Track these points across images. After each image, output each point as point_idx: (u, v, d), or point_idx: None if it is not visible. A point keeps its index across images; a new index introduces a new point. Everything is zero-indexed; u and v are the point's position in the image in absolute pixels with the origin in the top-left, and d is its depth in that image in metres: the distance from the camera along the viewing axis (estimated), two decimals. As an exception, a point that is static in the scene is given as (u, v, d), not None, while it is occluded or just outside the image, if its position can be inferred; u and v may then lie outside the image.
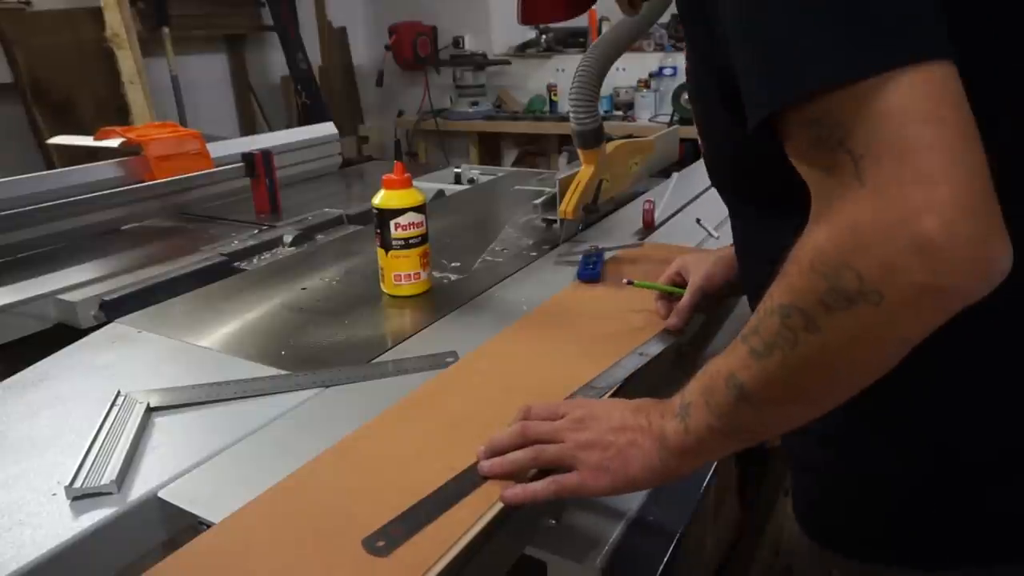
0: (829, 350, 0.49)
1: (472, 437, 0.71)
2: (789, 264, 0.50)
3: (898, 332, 0.47)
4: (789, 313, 0.49)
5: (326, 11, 4.27)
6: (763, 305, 0.52)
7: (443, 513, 0.62)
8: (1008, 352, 0.59)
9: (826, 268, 0.46)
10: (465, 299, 1.15)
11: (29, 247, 1.50)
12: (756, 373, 0.53)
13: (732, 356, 0.56)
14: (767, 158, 0.54)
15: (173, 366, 0.96)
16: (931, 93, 0.44)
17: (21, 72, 2.96)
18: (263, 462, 0.73)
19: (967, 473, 0.60)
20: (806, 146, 0.48)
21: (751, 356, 0.53)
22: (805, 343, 0.49)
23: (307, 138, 2.22)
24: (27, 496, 0.69)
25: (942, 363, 0.56)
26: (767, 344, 0.52)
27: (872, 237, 0.44)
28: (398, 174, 1.12)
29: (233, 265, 1.41)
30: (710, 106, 0.64)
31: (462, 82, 4.31)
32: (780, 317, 0.50)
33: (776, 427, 0.59)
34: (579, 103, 1.26)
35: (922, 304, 0.45)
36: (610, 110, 3.95)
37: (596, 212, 1.45)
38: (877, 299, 0.45)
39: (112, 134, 1.84)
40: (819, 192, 0.49)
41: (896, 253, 0.43)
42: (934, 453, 0.61)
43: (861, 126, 0.45)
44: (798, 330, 0.49)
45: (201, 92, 3.68)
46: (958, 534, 0.62)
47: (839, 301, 0.46)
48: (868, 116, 0.44)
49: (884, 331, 0.47)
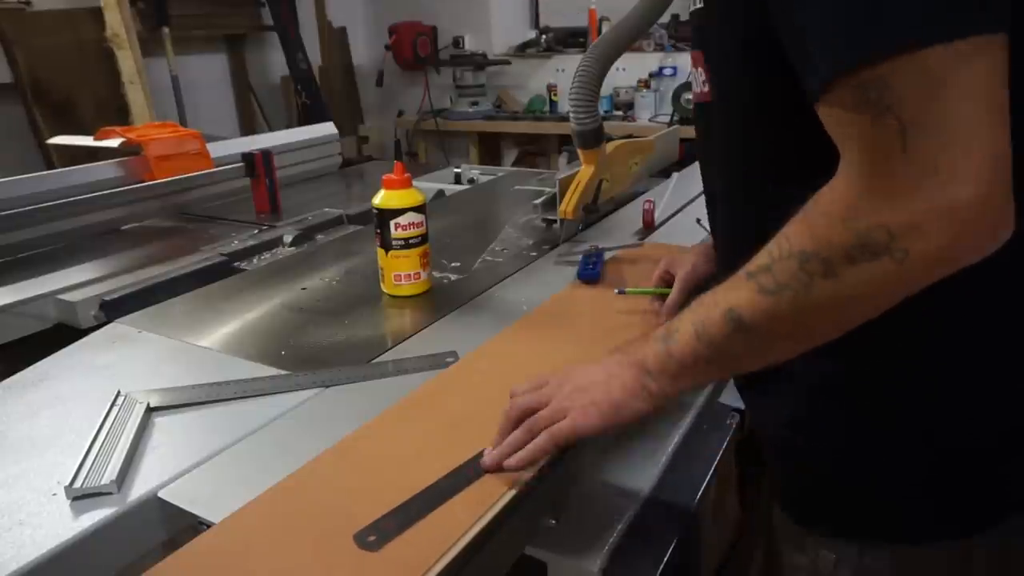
0: (841, 297, 0.52)
1: (472, 437, 0.71)
2: (814, 214, 0.53)
3: (909, 287, 0.51)
4: (809, 259, 0.52)
5: (326, 11, 4.27)
6: (776, 247, 0.55)
7: (437, 508, 0.62)
8: (981, 330, 0.62)
9: (858, 224, 0.50)
10: (465, 299, 1.15)
11: (29, 247, 1.50)
12: (761, 309, 0.56)
13: (733, 291, 0.58)
14: (791, 124, 0.56)
15: (173, 366, 0.96)
16: (988, 68, 0.46)
17: (21, 72, 2.96)
18: (263, 462, 0.73)
19: (943, 449, 0.63)
20: (851, 106, 0.50)
21: (759, 293, 0.56)
22: (819, 288, 0.52)
23: (307, 138, 2.21)
24: (27, 496, 0.69)
25: (917, 345, 0.61)
26: (779, 284, 0.54)
27: (908, 200, 0.48)
28: (398, 174, 1.12)
29: (233, 265, 1.41)
30: (734, 73, 0.64)
31: (462, 82, 4.31)
32: (799, 261, 0.53)
33: (759, 361, 0.61)
34: (579, 103, 1.26)
35: (939, 264, 0.49)
36: (610, 110, 3.94)
37: (596, 212, 1.45)
38: (901, 256, 0.48)
39: (112, 134, 1.83)
40: (855, 154, 0.51)
41: (930, 217, 0.47)
42: (909, 432, 0.63)
43: (915, 94, 0.46)
44: (815, 275, 0.52)
45: (201, 92, 3.68)
46: (936, 509, 0.64)
47: (864, 255, 0.50)
48: (924, 85, 0.46)
49: (897, 285, 0.51)
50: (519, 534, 0.68)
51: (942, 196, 0.47)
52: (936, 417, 0.62)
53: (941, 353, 0.62)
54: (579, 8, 3.98)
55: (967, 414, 0.62)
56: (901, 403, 0.63)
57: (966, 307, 0.60)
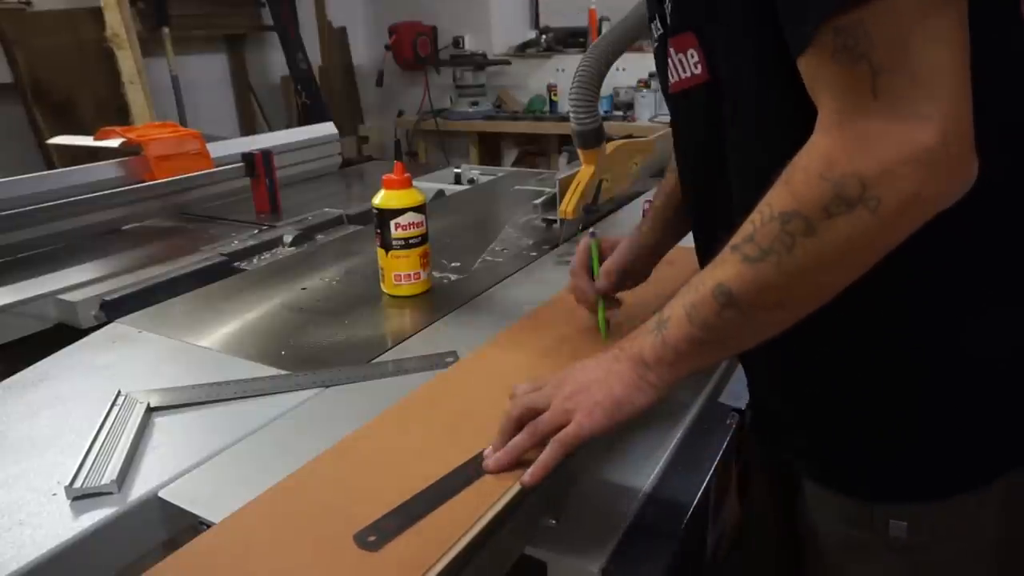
0: (823, 254, 0.53)
1: (472, 437, 0.71)
2: (793, 173, 0.54)
3: (885, 238, 0.52)
4: (790, 219, 0.53)
5: (326, 11, 4.27)
6: (758, 215, 0.56)
7: (437, 508, 0.62)
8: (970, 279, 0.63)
9: (834, 175, 0.51)
10: (465, 299, 1.15)
11: (29, 247, 1.50)
12: (748, 279, 0.56)
13: (719, 268, 0.58)
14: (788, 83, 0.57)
15: (173, 366, 0.96)
16: (955, 16, 0.48)
17: (21, 72, 2.96)
18: (263, 462, 0.73)
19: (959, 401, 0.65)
20: (828, 55, 0.51)
21: (743, 263, 0.56)
22: (801, 247, 0.53)
23: (307, 138, 2.21)
24: (27, 496, 0.69)
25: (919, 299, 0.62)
26: (763, 250, 0.55)
27: (878, 146, 0.49)
28: (398, 174, 1.12)
29: (233, 265, 1.41)
30: (736, 35, 0.64)
31: (462, 82, 4.31)
32: (780, 223, 0.54)
33: (754, 336, 0.61)
34: (579, 103, 1.26)
35: (912, 211, 0.51)
36: (610, 110, 3.95)
37: (596, 212, 1.45)
38: (875, 204, 0.50)
39: (112, 134, 1.83)
40: (831, 103, 0.52)
41: (898, 162, 0.49)
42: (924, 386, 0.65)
43: (888, 40, 0.48)
44: (796, 235, 0.53)
45: (201, 92, 3.68)
46: (964, 459, 0.67)
47: (840, 207, 0.51)
48: (895, 30, 0.48)
49: (875, 236, 0.52)
50: (519, 534, 0.68)
51: (909, 141, 0.48)
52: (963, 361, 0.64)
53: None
54: (579, 8, 3.98)
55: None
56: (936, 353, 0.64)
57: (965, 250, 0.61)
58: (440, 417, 0.78)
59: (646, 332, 0.65)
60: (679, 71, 0.70)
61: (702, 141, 0.72)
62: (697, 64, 0.68)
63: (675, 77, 0.71)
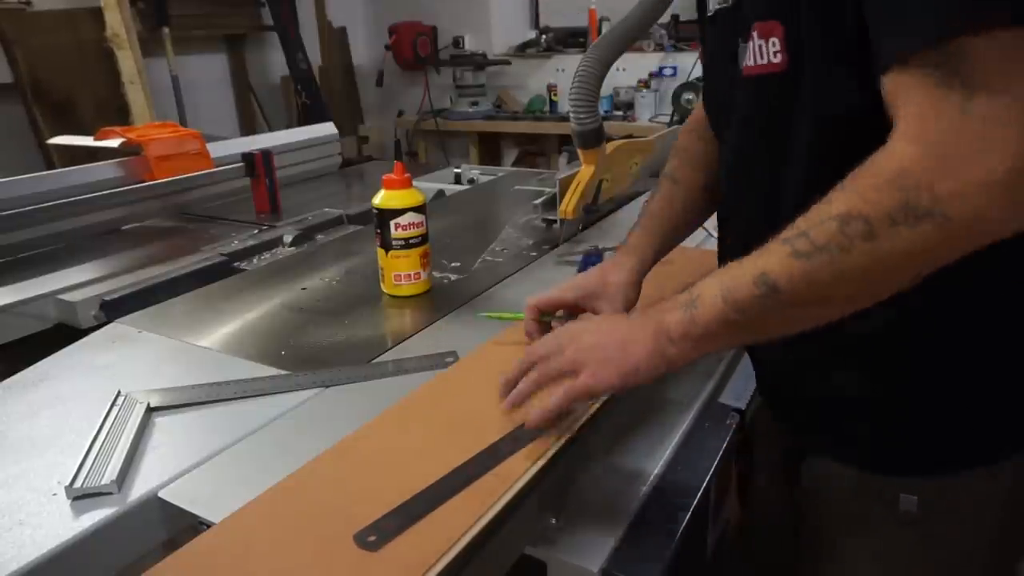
0: (879, 260, 0.54)
1: (472, 437, 0.71)
2: (861, 175, 0.54)
3: (944, 253, 0.53)
4: (850, 221, 0.54)
5: (326, 11, 4.27)
6: (815, 212, 0.56)
7: (437, 508, 0.62)
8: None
9: (907, 184, 0.51)
10: (465, 299, 1.15)
11: (29, 247, 1.50)
12: (796, 272, 0.57)
13: (764, 257, 0.59)
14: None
15: (173, 366, 0.96)
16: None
17: (21, 72, 2.96)
18: (263, 462, 0.73)
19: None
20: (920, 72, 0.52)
21: (793, 256, 0.57)
22: (858, 250, 0.54)
23: (307, 138, 2.21)
24: (27, 496, 0.69)
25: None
26: (817, 247, 0.55)
27: (958, 165, 0.50)
28: (398, 174, 1.12)
29: (233, 265, 1.41)
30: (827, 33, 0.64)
31: (462, 82, 4.31)
32: (839, 223, 0.54)
33: (786, 326, 0.62)
34: (579, 103, 1.26)
35: (975, 232, 0.51)
36: (610, 110, 3.94)
37: (596, 212, 1.45)
38: (942, 221, 0.50)
39: (112, 134, 1.83)
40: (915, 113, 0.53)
41: (975, 183, 0.49)
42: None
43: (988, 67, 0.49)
44: (855, 237, 0.53)
45: (201, 92, 3.68)
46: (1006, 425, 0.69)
47: (907, 217, 0.51)
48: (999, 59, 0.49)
49: (933, 251, 0.52)
50: (519, 534, 0.68)
51: (989, 165, 0.49)
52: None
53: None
54: (579, 8, 3.98)
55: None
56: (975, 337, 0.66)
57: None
58: (440, 417, 0.78)
59: (675, 307, 0.65)
60: (757, 56, 0.69)
61: (764, 128, 0.72)
62: (777, 54, 0.67)
63: (752, 61, 0.70)
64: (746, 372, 1.05)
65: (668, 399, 0.96)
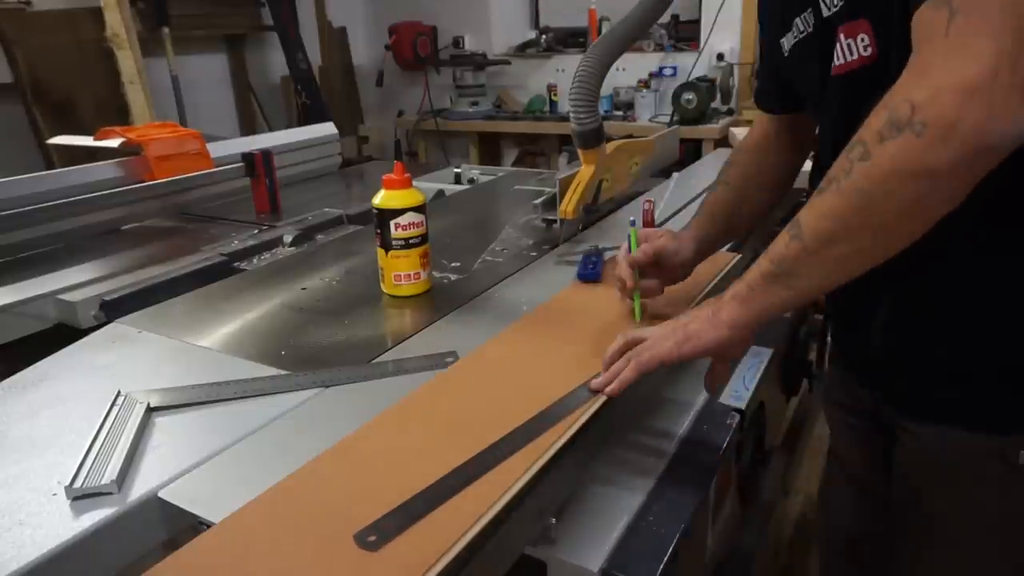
0: (872, 176, 0.57)
1: (472, 437, 0.71)
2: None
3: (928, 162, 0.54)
4: (853, 146, 0.58)
5: (326, 11, 4.27)
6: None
7: (436, 508, 0.62)
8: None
9: (893, 102, 0.56)
10: (465, 299, 1.15)
11: (29, 247, 1.50)
12: (814, 207, 0.61)
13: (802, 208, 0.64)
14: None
15: (173, 366, 0.96)
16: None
17: (21, 72, 2.96)
18: (263, 462, 0.73)
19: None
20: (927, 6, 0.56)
21: (816, 195, 0.61)
22: (856, 172, 0.57)
23: (307, 138, 2.22)
24: (27, 496, 0.69)
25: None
26: (829, 179, 0.60)
27: (931, 75, 0.54)
28: (398, 174, 1.12)
29: (233, 265, 1.41)
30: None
31: (462, 82, 4.31)
32: (846, 152, 0.59)
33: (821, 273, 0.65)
34: (579, 103, 1.26)
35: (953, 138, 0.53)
36: (610, 110, 3.94)
37: (596, 212, 1.45)
38: (920, 129, 0.53)
39: (112, 134, 1.83)
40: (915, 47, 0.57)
41: (945, 89, 0.52)
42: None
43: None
44: (855, 160, 0.58)
45: (201, 92, 3.68)
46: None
47: (891, 131, 0.55)
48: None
49: (918, 160, 0.54)
50: (519, 534, 0.68)
51: (959, 70, 0.52)
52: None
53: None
54: (579, 8, 3.98)
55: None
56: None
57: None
58: (440, 417, 0.78)
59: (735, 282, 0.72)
60: (846, 54, 0.72)
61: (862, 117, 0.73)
62: (867, 47, 0.70)
63: (840, 60, 0.73)
64: (746, 372, 1.06)
65: (668, 399, 0.96)
